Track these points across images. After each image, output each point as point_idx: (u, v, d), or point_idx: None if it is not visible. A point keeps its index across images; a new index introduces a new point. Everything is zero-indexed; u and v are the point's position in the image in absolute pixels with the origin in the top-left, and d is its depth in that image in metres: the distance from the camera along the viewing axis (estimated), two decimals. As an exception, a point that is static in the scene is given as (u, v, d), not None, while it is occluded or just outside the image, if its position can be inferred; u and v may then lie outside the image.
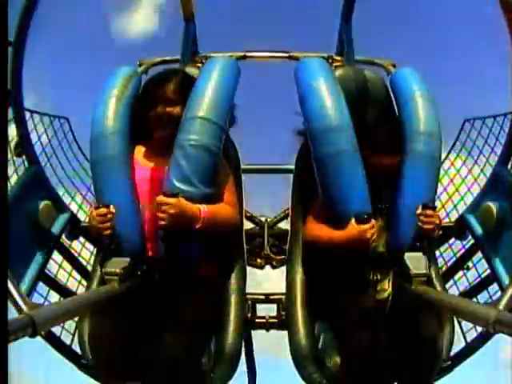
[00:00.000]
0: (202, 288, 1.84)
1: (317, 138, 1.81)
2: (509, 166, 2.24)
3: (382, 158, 1.92)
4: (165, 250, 1.77)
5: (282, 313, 2.27)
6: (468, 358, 2.16)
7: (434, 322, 1.78)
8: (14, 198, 2.04)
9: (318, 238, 1.88)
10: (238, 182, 2.15)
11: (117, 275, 1.65)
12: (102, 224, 1.73)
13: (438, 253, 2.46)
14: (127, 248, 1.78)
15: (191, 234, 1.74)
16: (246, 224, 2.67)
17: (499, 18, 1.85)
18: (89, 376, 2.07)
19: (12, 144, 2.17)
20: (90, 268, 2.36)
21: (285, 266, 2.19)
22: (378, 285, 1.82)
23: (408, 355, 1.76)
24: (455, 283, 2.49)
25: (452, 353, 2.03)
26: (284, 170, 3.01)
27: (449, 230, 2.48)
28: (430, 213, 1.77)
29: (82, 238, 2.49)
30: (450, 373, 2.14)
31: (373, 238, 1.76)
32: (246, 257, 2.14)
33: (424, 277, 1.68)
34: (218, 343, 1.93)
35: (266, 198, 3.47)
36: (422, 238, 1.81)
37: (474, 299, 2.33)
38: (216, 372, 1.87)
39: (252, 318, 2.35)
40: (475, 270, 2.39)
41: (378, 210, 1.83)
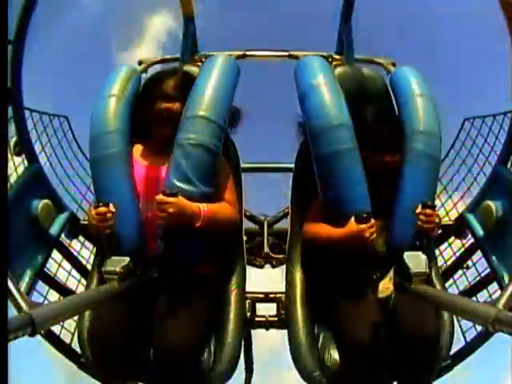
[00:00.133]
0: (202, 287, 1.84)
1: (317, 137, 1.81)
2: (508, 165, 2.24)
3: (382, 157, 1.92)
4: (164, 249, 1.77)
5: (282, 312, 2.27)
6: (468, 358, 2.16)
7: (434, 321, 1.78)
8: (13, 196, 2.03)
9: (318, 236, 1.88)
10: (238, 181, 2.15)
11: (116, 274, 1.65)
12: (102, 223, 1.73)
13: (437, 252, 2.47)
14: (127, 247, 1.78)
15: (191, 232, 1.74)
16: (246, 223, 2.67)
17: (499, 18, 1.86)
18: (89, 375, 2.07)
19: (11, 143, 2.16)
20: (89, 267, 2.36)
21: (284, 265, 2.20)
22: (379, 283, 1.82)
23: (407, 354, 1.76)
24: (455, 282, 2.49)
25: (452, 352, 2.03)
26: (284, 168, 3.00)
27: (448, 228, 2.49)
28: (429, 212, 1.77)
29: (81, 237, 2.49)
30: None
31: (372, 237, 1.76)
32: (245, 256, 2.15)
33: (423, 276, 1.67)
34: (218, 342, 1.93)
35: (266, 197, 3.48)
36: (421, 237, 1.80)
37: (474, 298, 2.32)
38: (215, 371, 1.87)
39: (252, 317, 2.35)
40: (475, 269, 2.39)
41: (378, 209, 1.83)
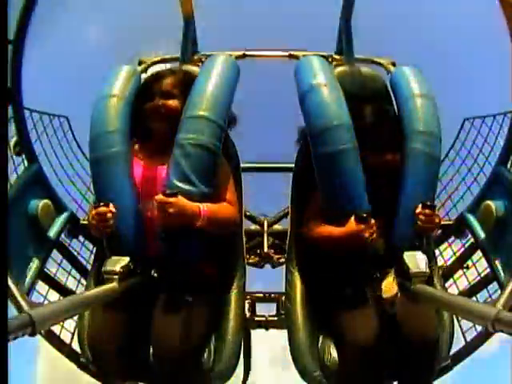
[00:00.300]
0: (202, 287, 1.84)
1: (317, 137, 1.81)
2: (508, 165, 2.24)
3: (383, 156, 1.92)
4: (164, 249, 1.77)
5: (282, 312, 2.27)
6: (467, 358, 2.16)
7: (434, 321, 1.78)
8: (13, 196, 2.04)
9: (318, 236, 1.88)
10: (238, 181, 2.15)
11: (116, 274, 1.64)
12: (102, 223, 1.73)
13: (437, 252, 2.47)
14: (127, 247, 1.78)
15: (191, 232, 1.73)
16: (246, 223, 2.67)
17: (499, 18, 1.86)
18: (89, 375, 2.07)
19: (11, 143, 2.16)
20: (89, 267, 2.36)
21: (284, 265, 2.20)
22: (383, 283, 1.82)
23: (408, 354, 1.76)
24: (455, 282, 2.49)
25: (451, 352, 2.03)
26: (284, 168, 3.00)
27: (448, 228, 2.49)
28: (429, 212, 1.77)
29: (81, 237, 2.49)
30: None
31: (372, 237, 1.76)
32: (245, 256, 2.15)
33: (423, 276, 1.67)
34: (218, 342, 1.93)
35: (266, 197, 3.47)
36: (421, 237, 1.81)
37: (474, 298, 2.33)
38: (215, 371, 1.87)
39: (251, 317, 2.35)
40: (475, 269, 2.39)
41: (378, 209, 1.83)
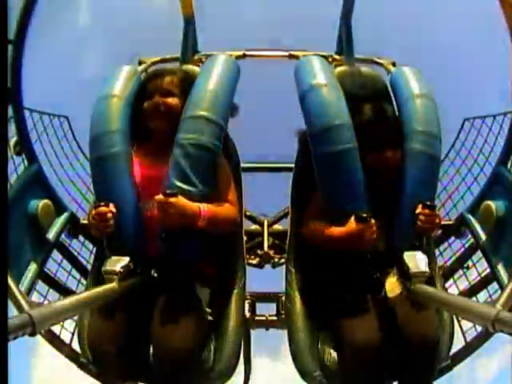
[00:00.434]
0: (202, 287, 1.84)
1: (317, 137, 1.81)
2: (508, 165, 2.24)
3: (382, 157, 1.92)
4: (164, 249, 1.77)
5: (282, 312, 2.27)
6: (467, 358, 2.16)
7: (435, 321, 1.78)
8: (13, 196, 2.04)
9: (318, 236, 1.88)
10: (238, 181, 2.14)
11: (116, 274, 1.64)
12: (102, 223, 1.73)
13: (437, 252, 2.47)
14: (127, 247, 1.77)
15: (191, 232, 1.73)
16: (246, 223, 2.67)
17: (499, 18, 1.86)
18: (89, 375, 2.07)
19: (11, 143, 2.17)
20: (89, 267, 2.36)
21: (284, 265, 2.19)
22: (386, 283, 1.81)
23: (408, 355, 1.76)
24: (455, 282, 2.49)
25: (451, 352, 2.03)
26: (284, 168, 3.00)
27: (448, 228, 2.49)
28: (429, 212, 1.77)
29: (81, 237, 2.49)
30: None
31: (372, 237, 1.76)
32: (245, 256, 2.14)
33: (423, 276, 1.67)
34: (218, 342, 1.93)
35: (266, 197, 3.47)
36: (421, 237, 1.81)
37: (474, 298, 2.33)
38: (215, 371, 1.87)
39: (252, 317, 2.35)
40: (475, 269, 2.39)
41: (378, 209, 1.83)
